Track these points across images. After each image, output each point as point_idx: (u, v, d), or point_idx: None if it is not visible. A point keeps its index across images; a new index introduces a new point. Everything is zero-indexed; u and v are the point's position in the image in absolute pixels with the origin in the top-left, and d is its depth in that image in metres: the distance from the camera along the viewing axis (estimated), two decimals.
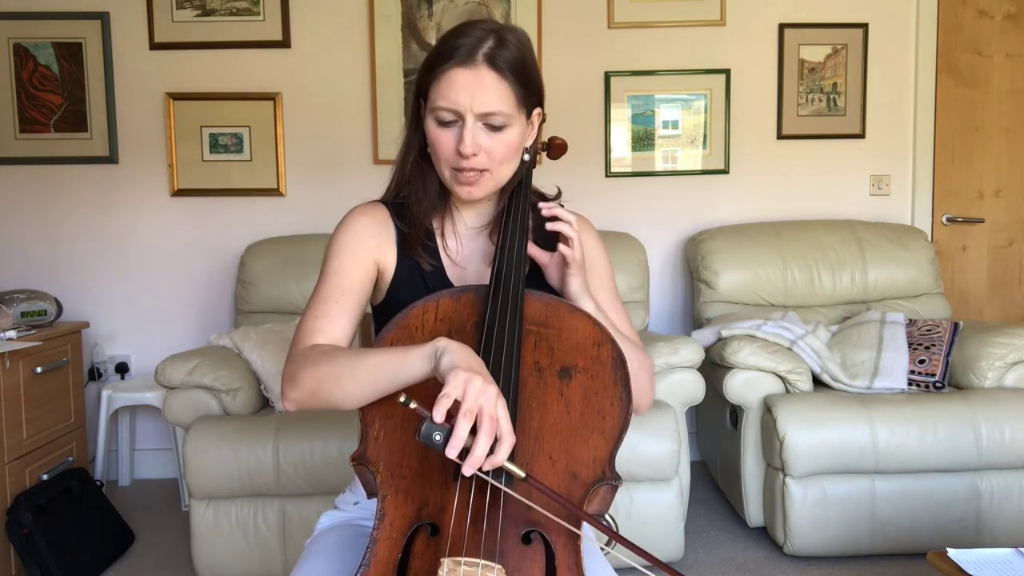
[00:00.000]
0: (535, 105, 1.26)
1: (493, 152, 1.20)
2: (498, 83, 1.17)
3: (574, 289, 1.22)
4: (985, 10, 3.66)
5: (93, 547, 2.71)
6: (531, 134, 1.29)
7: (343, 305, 1.22)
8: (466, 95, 1.16)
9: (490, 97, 1.16)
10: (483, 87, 1.16)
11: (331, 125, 3.56)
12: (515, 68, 1.18)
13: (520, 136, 1.23)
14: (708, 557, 2.71)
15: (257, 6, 3.48)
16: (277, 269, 3.22)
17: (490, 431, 0.92)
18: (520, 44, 1.21)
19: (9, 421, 2.63)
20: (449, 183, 1.24)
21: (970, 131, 3.71)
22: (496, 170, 1.22)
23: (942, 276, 3.52)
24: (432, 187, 1.29)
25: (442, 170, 1.23)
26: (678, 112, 3.62)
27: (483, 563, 0.94)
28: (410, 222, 1.28)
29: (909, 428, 2.55)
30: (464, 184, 1.22)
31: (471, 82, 1.16)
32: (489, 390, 0.94)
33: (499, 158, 1.21)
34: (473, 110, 1.16)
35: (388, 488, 1.04)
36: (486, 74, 1.16)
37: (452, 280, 1.28)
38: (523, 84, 1.20)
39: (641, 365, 1.25)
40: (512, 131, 1.21)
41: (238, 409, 2.65)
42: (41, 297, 3.02)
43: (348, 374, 1.07)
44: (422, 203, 1.28)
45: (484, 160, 1.19)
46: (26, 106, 3.47)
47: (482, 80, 1.16)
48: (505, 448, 0.93)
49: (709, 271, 3.34)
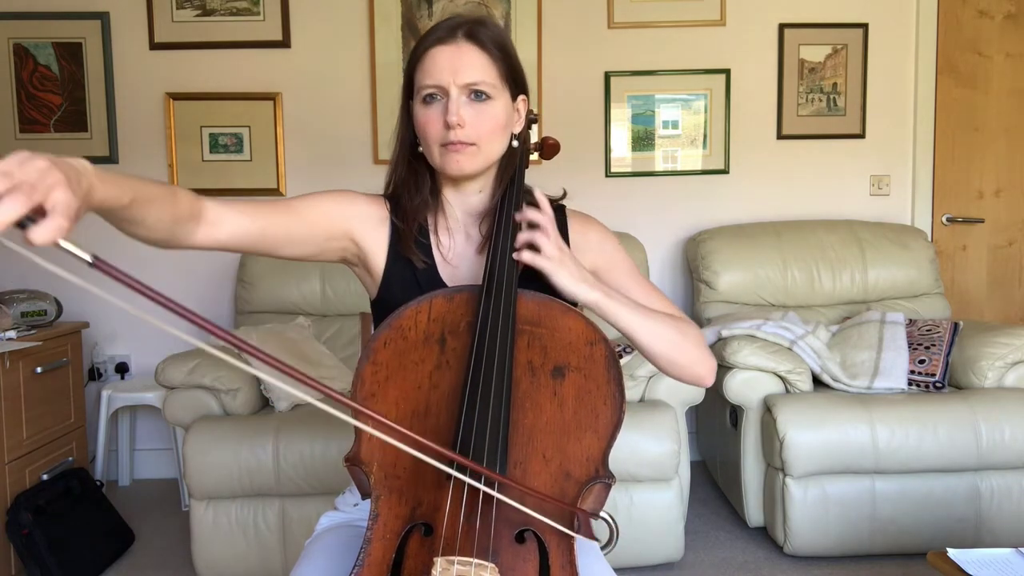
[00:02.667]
0: (519, 91, 1.27)
1: (479, 125, 1.20)
2: (479, 55, 1.19)
3: (563, 284, 1.16)
4: (985, 10, 3.66)
5: (93, 547, 2.71)
6: (518, 121, 1.29)
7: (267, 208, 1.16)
8: (448, 70, 1.18)
9: (472, 69, 1.18)
10: (464, 60, 1.18)
11: (331, 125, 3.56)
12: (496, 44, 1.21)
13: (506, 113, 1.23)
14: (708, 557, 2.71)
15: (257, 6, 3.49)
16: (277, 269, 3.23)
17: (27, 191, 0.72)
18: (499, 29, 1.24)
19: (9, 421, 2.63)
20: (439, 161, 1.23)
21: (970, 131, 3.70)
22: (484, 144, 1.21)
23: (942, 276, 3.51)
24: (424, 185, 1.29)
25: (432, 151, 1.23)
26: (678, 112, 3.61)
27: (476, 562, 0.94)
28: (403, 218, 1.28)
29: (909, 428, 2.55)
30: (452, 154, 1.20)
31: (453, 56, 1.18)
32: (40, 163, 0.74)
33: (486, 131, 1.21)
34: (456, 82, 1.18)
35: (382, 488, 1.04)
36: (467, 48, 1.19)
37: (444, 278, 1.28)
38: (505, 61, 1.22)
39: (684, 336, 1.22)
40: (497, 104, 1.21)
41: (238, 409, 2.65)
42: (41, 297, 3.03)
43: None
44: (414, 200, 1.28)
45: (471, 133, 1.19)
46: (26, 106, 3.48)
47: (463, 53, 1.18)
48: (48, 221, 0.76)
49: (709, 271, 3.33)
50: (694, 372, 1.24)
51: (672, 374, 1.25)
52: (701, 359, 1.24)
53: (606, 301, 1.17)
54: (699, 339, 1.25)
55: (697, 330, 1.26)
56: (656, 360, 1.22)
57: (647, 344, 1.20)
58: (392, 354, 1.10)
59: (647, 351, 1.21)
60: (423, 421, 1.06)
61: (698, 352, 1.24)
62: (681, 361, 1.22)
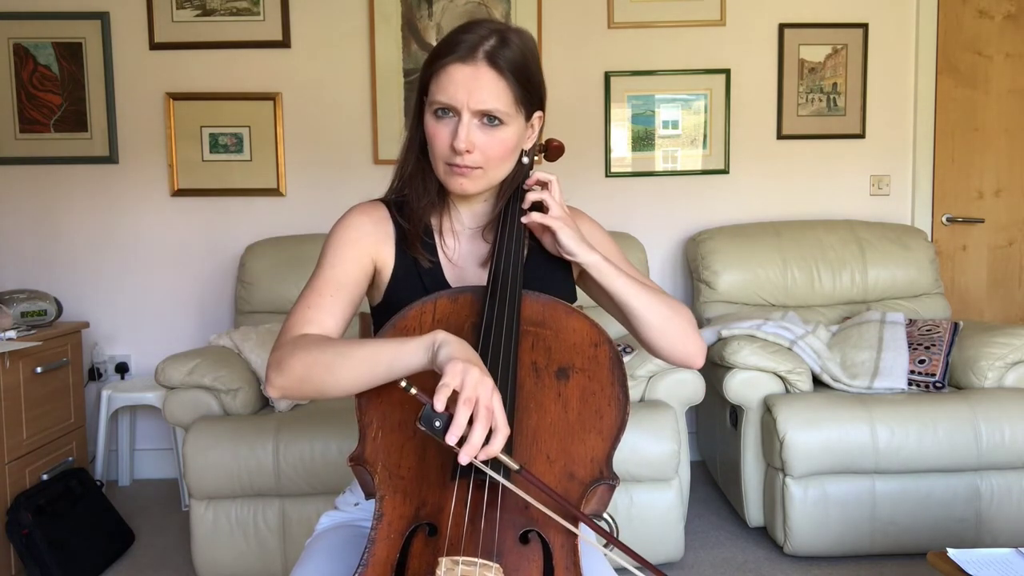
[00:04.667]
0: (535, 108, 1.25)
1: (488, 150, 1.19)
2: (496, 81, 1.17)
3: (567, 242, 1.20)
4: (985, 10, 3.66)
5: (93, 547, 2.71)
6: (531, 137, 1.29)
7: (337, 299, 1.20)
8: (463, 91, 1.16)
9: (487, 94, 1.16)
10: (480, 84, 1.16)
11: (331, 125, 3.56)
12: (515, 68, 1.18)
13: (517, 136, 1.22)
14: (708, 557, 2.71)
15: (257, 6, 3.48)
16: (277, 269, 3.22)
17: (486, 420, 0.93)
18: (523, 45, 1.20)
19: (9, 421, 2.63)
20: (443, 177, 1.23)
21: (970, 131, 3.71)
22: (490, 169, 1.22)
23: (942, 276, 3.52)
24: (432, 185, 1.28)
25: (437, 165, 1.23)
26: (678, 112, 3.61)
27: (481, 562, 0.94)
28: (410, 218, 1.28)
29: (909, 428, 2.55)
30: (456, 176, 1.21)
31: (469, 78, 1.16)
32: (486, 381, 0.95)
33: (494, 157, 1.20)
34: (469, 106, 1.16)
35: (386, 488, 1.04)
36: (485, 72, 1.16)
37: (449, 279, 1.28)
38: (522, 85, 1.19)
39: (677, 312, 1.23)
40: (508, 130, 1.20)
41: (238, 409, 2.65)
42: (41, 297, 3.02)
43: (340, 362, 1.06)
44: (421, 199, 1.28)
45: (478, 158, 1.19)
46: (26, 106, 3.47)
47: (480, 77, 1.16)
48: (500, 438, 0.94)
49: (709, 271, 3.34)
50: (686, 349, 1.24)
51: (663, 348, 1.24)
52: (693, 337, 1.25)
53: (605, 264, 1.20)
54: (691, 319, 1.26)
55: (689, 312, 1.27)
56: (648, 331, 1.22)
57: (640, 311, 1.21)
58: None
59: (640, 319, 1.22)
60: None
61: (691, 329, 1.24)
62: (673, 333, 1.23)
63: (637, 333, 1.25)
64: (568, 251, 1.21)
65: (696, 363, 1.26)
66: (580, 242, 1.21)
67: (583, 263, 1.21)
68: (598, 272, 1.21)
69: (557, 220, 1.20)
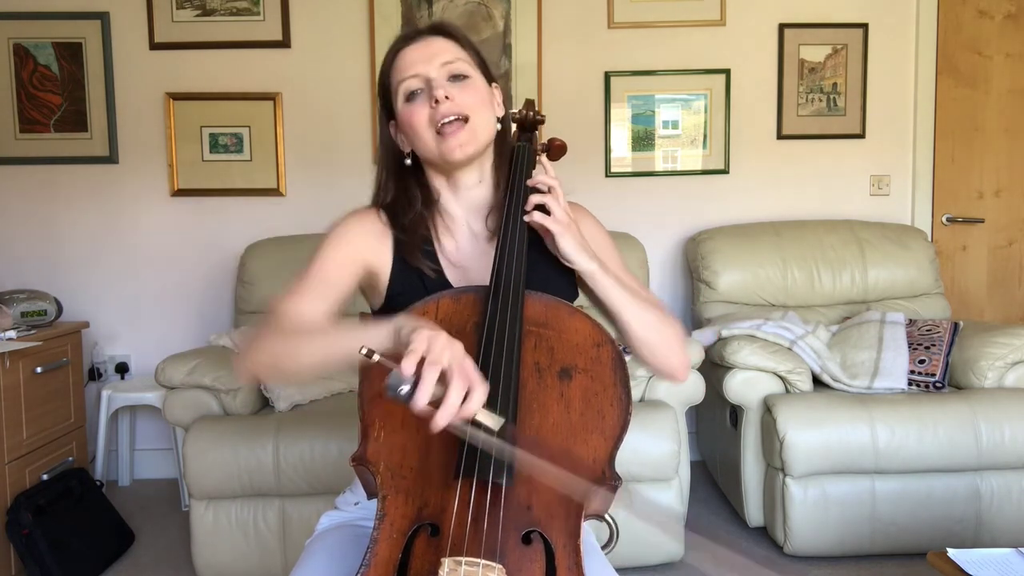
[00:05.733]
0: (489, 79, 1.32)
1: (464, 98, 1.24)
2: (448, 43, 1.27)
3: (567, 248, 1.21)
4: (985, 10, 3.66)
5: (93, 547, 2.71)
6: (498, 104, 1.33)
7: (321, 293, 1.21)
8: (421, 61, 1.25)
9: (446, 53, 1.26)
10: (434, 49, 1.26)
11: (331, 125, 3.56)
12: (460, 33, 1.29)
13: (485, 88, 1.29)
14: (708, 557, 2.71)
15: (257, 6, 3.48)
16: (277, 269, 3.22)
17: (462, 378, 0.91)
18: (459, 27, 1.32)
19: (9, 421, 2.63)
20: (438, 151, 1.25)
21: (970, 131, 3.71)
22: (474, 116, 1.24)
23: (942, 276, 3.52)
24: (416, 199, 1.31)
25: (427, 142, 1.25)
26: (678, 112, 3.62)
27: (483, 563, 0.94)
28: (404, 232, 1.29)
29: (909, 428, 2.55)
30: (448, 138, 1.23)
31: (423, 49, 1.26)
32: (454, 345, 0.93)
33: (472, 103, 1.25)
34: (433, 65, 1.24)
35: (388, 488, 1.04)
36: (434, 40, 1.27)
37: (453, 283, 1.28)
38: (471, 48, 1.29)
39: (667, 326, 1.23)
40: (476, 81, 1.27)
41: (238, 409, 2.65)
42: (41, 297, 3.02)
43: (305, 348, 1.09)
44: (408, 215, 1.30)
45: (460, 105, 1.23)
46: (26, 106, 3.47)
47: (431, 44, 1.26)
48: (478, 394, 0.91)
49: (709, 271, 3.34)
50: (670, 363, 1.25)
51: (648, 361, 1.25)
52: (679, 352, 1.25)
53: (602, 273, 1.21)
54: (680, 334, 1.27)
55: (680, 326, 1.28)
56: (636, 343, 1.23)
57: (631, 324, 1.21)
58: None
59: (630, 332, 1.22)
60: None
61: (678, 344, 1.25)
62: (660, 349, 1.23)
63: (626, 343, 1.26)
64: (567, 257, 1.21)
65: (680, 377, 1.27)
66: (580, 250, 1.21)
67: (580, 271, 1.23)
68: (593, 281, 1.22)
69: (558, 224, 1.21)
